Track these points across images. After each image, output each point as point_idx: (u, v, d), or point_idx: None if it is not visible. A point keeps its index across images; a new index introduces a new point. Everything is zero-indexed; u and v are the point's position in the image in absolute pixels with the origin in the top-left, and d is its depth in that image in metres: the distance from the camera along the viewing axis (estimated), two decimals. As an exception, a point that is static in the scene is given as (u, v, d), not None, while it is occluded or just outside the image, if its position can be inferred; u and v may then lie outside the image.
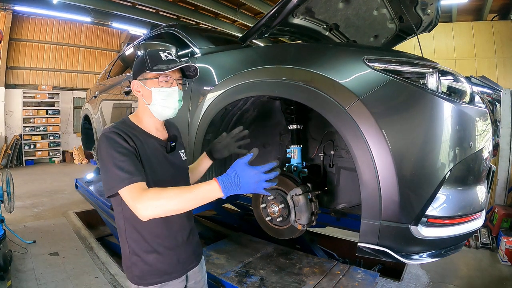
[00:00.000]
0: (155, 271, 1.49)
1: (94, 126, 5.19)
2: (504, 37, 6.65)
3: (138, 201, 1.23)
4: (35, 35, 12.68)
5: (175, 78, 1.48)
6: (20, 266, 3.82)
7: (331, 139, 2.27)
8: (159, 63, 1.43)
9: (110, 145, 1.33)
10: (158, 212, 1.25)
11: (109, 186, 1.31)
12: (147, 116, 1.54)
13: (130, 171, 1.29)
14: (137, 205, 1.23)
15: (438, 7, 2.71)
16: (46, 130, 13.02)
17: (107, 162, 1.31)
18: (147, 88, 1.47)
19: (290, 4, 2.07)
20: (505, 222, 5.25)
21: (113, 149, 1.32)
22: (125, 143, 1.36)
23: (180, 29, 3.10)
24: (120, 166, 1.29)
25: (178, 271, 1.56)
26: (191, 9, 10.61)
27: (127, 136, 1.38)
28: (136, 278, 1.50)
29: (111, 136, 1.35)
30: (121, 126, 1.44)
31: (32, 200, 7.03)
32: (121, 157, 1.31)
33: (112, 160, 1.30)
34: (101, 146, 1.35)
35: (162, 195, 1.24)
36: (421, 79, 1.57)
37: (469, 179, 1.68)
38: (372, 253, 1.62)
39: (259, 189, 1.20)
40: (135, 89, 1.53)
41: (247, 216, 4.48)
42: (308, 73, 1.76)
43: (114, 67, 5.09)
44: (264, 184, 1.20)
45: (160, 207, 1.23)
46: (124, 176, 1.27)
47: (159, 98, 1.47)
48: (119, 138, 1.36)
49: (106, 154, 1.33)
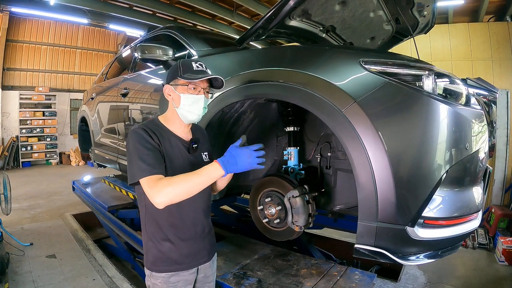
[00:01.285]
0: (166, 259, 1.63)
1: (91, 128, 5.18)
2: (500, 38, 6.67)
3: (154, 189, 1.40)
4: (32, 37, 12.65)
5: (202, 87, 1.62)
6: (17, 268, 3.81)
7: (327, 141, 2.27)
8: (190, 72, 1.57)
9: (137, 139, 1.51)
10: (171, 197, 1.41)
11: (132, 175, 1.48)
12: (175, 118, 1.67)
13: (151, 163, 1.46)
14: (153, 192, 1.40)
15: (435, 9, 2.72)
16: (43, 131, 12.98)
17: (133, 154, 1.49)
18: (177, 93, 1.61)
19: (287, 6, 2.07)
20: (502, 222, 5.27)
21: (139, 143, 1.50)
22: (150, 139, 1.53)
23: (177, 31, 3.10)
24: (143, 159, 1.46)
25: (189, 263, 1.69)
26: (188, 11, 10.60)
27: (153, 133, 1.56)
28: (149, 263, 1.66)
29: (138, 132, 1.53)
30: (149, 124, 1.62)
31: (29, 202, 7.01)
32: (145, 151, 1.49)
33: (137, 152, 1.48)
34: (129, 140, 1.53)
35: (173, 181, 1.41)
36: (417, 81, 1.57)
37: (465, 180, 1.69)
38: (369, 254, 1.62)
39: (253, 164, 1.47)
40: (166, 93, 1.65)
41: (244, 218, 4.48)
42: (304, 75, 1.76)
43: (111, 69, 5.08)
44: (256, 160, 1.47)
45: (173, 192, 1.40)
46: (146, 167, 1.45)
47: (186, 103, 1.60)
48: (145, 134, 1.53)
49: (132, 147, 1.51)
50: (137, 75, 3.71)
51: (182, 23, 11.10)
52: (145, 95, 3.39)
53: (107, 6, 10.07)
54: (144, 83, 3.51)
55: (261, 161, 1.49)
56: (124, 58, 4.74)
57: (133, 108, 3.59)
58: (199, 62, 1.62)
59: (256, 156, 1.47)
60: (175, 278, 1.64)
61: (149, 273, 1.66)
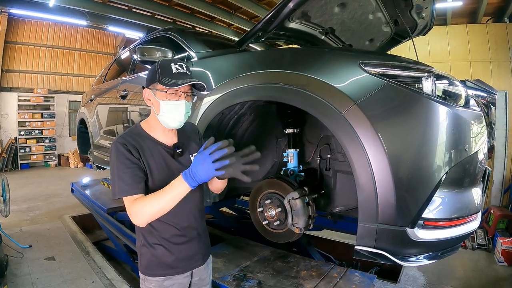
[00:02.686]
0: (160, 263, 1.61)
1: (90, 129, 5.18)
2: (498, 40, 6.69)
3: (131, 210, 1.40)
4: (31, 38, 12.61)
5: (183, 91, 1.53)
6: (16, 271, 3.79)
7: (327, 142, 2.27)
8: (169, 76, 1.48)
9: (117, 155, 1.47)
10: (147, 217, 1.40)
11: (114, 192, 1.47)
12: (156, 124, 1.60)
13: (129, 183, 1.43)
14: (131, 214, 1.41)
15: (433, 11, 2.73)
16: (41, 133, 12.96)
17: (113, 170, 1.47)
18: (156, 99, 1.52)
19: (286, 8, 2.08)
20: (501, 223, 5.28)
21: (118, 160, 1.46)
22: (129, 154, 1.47)
23: (176, 33, 3.10)
24: (121, 177, 1.44)
25: (183, 267, 1.65)
26: (187, 13, 10.61)
27: (132, 147, 1.49)
28: (143, 267, 1.64)
29: (118, 148, 1.48)
30: (129, 135, 1.55)
31: (27, 204, 6.99)
32: (124, 169, 1.44)
33: (117, 170, 1.45)
34: (111, 154, 1.50)
35: (145, 202, 1.38)
36: (416, 83, 1.58)
37: (465, 182, 1.69)
38: (369, 255, 1.63)
39: (210, 172, 1.24)
40: (146, 97, 1.59)
41: (244, 220, 4.48)
42: (304, 77, 1.77)
43: (110, 70, 5.08)
44: (212, 166, 1.23)
45: (147, 213, 1.38)
46: (124, 187, 1.43)
47: (166, 110, 1.52)
48: (124, 149, 1.47)
49: (112, 163, 1.47)
50: (136, 77, 3.71)
51: (181, 25, 11.11)
52: (144, 97, 3.38)
53: (106, 8, 10.07)
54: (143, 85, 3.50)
55: (220, 165, 1.23)
56: (123, 60, 4.74)
57: (132, 110, 3.59)
58: (179, 63, 1.52)
59: (212, 161, 1.23)
60: (169, 282, 1.62)
61: (143, 277, 1.64)
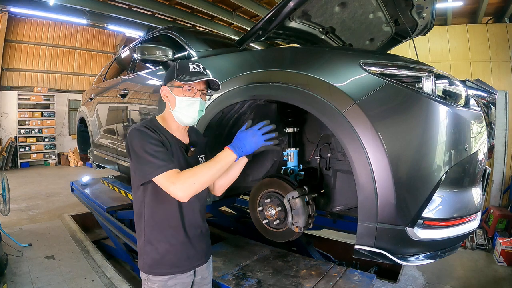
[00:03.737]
0: (165, 262, 1.62)
1: (90, 128, 5.17)
2: (498, 40, 6.69)
3: (177, 183, 1.40)
4: (31, 37, 12.63)
5: (199, 88, 1.61)
6: (15, 269, 3.80)
7: (327, 142, 2.27)
8: (186, 74, 1.56)
9: (143, 137, 1.48)
10: (196, 187, 1.43)
11: (145, 173, 1.45)
12: (171, 119, 1.66)
13: (165, 159, 1.45)
14: (177, 187, 1.40)
15: (434, 11, 2.72)
16: (41, 132, 12.99)
17: (141, 152, 1.46)
18: (172, 95, 1.60)
19: (287, 7, 2.07)
20: (501, 223, 5.29)
21: (146, 141, 1.47)
22: (157, 135, 1.52)
23: (177, 32, 3.10)
24: (154, 155, 1.44)
25: (187, 266, 1.68)
26: (188, 12, 10.60)
27: (156, 132, 1.54)
28: (147, 266, 1.63)
29: (142, 130, 1.50)
30: (149, 123, 1.59)
31: (27, 202, 7.00)
32: (155, 147, 1.46)
33: (146, 150, 1.45)
34: (134, 139, 1.49)
35: (195, 172, 1.43)
36: (416, 83, 1.58)
37: (464, 181, 1.69)
38: (369, 255, 1.62)
39: (260, 142, 1.53)
40: (163, 94, 1.65)
41: (244, 219, 4.48)
42: (304, 76, 1.77)
43: (110, 69, 5.08)
44: (262, 137, 1.53)
45: (196, 182, 1.42)
46: (161, 163, 1.43)
47: (181, 106, 1.59)
48: (150, 131, 1.51)
49: (139, 145, 1.47)
50: (136, 76, 3.71)
51: (182, 24, 11.10)
52: (144, 96, 3.39)
53: (106, 7, 10.07)
54: (143, 84, 3.51)
55: (268, 137, 1.55)
56: (123, 59, 4.73)
57: (132, 109, 3.59)
58: (196, 63, 1.61)
59: (262, 134, 1.53)
60: (173, 281, 1.63)
61: (146, 276, 1.64)
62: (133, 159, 1.51)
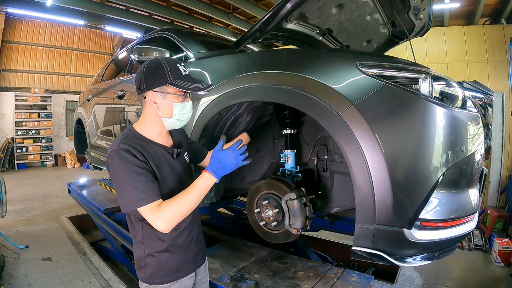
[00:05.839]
0: (168, 269, 1.58)
1: (87, 130, 5.16)
2: (495, 41, 6.71)
3: (156, 217, 1.34)
4: (28, 38, 12.61)
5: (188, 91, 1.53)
6: (12, 271, 3.78)
7: (324, 143, 2.27)
8: (180, 78, 1.47)
9: (123, 164, 1.36)
10: (177, 220, 1.38)
11: (127, 203, 1.37)
12: (156, 126, 1.55)
13: (146, 190, 1.35)
14: (157, 220, 1.34)
15: (431, 12, 2.73)
16: (38, 133, 12.95)
17: (122, 180, 1.36)
18: (166, 102, 1.48)
19: (284, 9, 2.07)
20: (498, 223, 5.30)
21: (127, 168, 1.36)
22: (137, 160, 1.39)
23: (174, 33, 3.10)
24: (135, 186, 1.34)
25: (189, 268, 1.68)
26: (185, 13, 10.59)
27: (137, 151, 1.41)
28: (148, 277, 1.58)
29: (122, 154, 1.37)
30: (129, 139, 1.45)
31: (24, 204, 6.97)
32: (136, 176, 1.35)
33: (128, 179, 1.35)
34: (114, 164, 1.38)
35: (173, 204, 1.36)
36: (414, 85, 1.58)
37: (461, 182, 1.69)
38: (367, 256, 1.63)
39: (239, 163, 1.55)
40: (150, 100, 1.49)
41: (241, 221, 4.47)
42: (301, 78, 1.77)
43: (107, 70, 5.07)
44: (241, 157, 1.55)
45: (176, 216, 1.37)
46: (141, 195, 1.34)
47: (177, 111, 1.51)
48: (130, 155, 1.38)
49: (120, 173, 1.37)
50: (133, 77, 3.69)
51: (179, 25, 11.10)
52: (141, 97, 3.37)
53: (104, 8, 10.04)
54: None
55: (245, 156, 1.58)
56: (120, 60, 4.72)
57: (129, 110, 3.58)
58: (182, 65, 1.52)
59: (240, 154, 1.56)
60: (176, 286, 1.62)
61: (148, 286, 1.59)
62: (114, 185, 1.42)
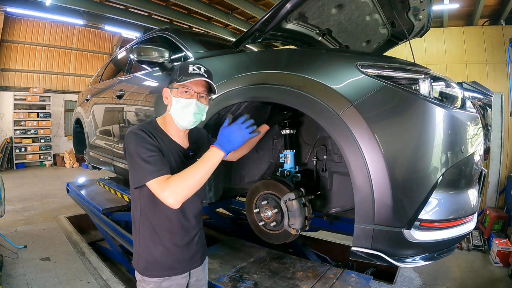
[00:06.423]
0: (160, 264, 1.62)
1: (86, 129, 5.15)
2: (494, 42, 6.72)
3: (166, 190, 1.37)
4: (27, 37, 12.58)
5: (196, 90, 1.58)
6: (11, 271, 3.77)
7: (323, 144, 2.26)
8: (184, 75, 1.54)
9: (138, 141, 1.47)
10: (187, 193, 1.40)
11: (138, 178, 1.44)
12: (171, 122, 1.64)
13: (157, 164, 1.43)
14: (166, 193, 1.38)
15: (430, 13, 2.73)
16: (37, 133, 12.92)
17: (135, 156, 1.45)
18: (171, 96, 1.59)
19: (284, 9, 2.07)
20: (497, 224, 5.31)
21: (141, 145, 1.46)
22: (150, 139, 1.49)
23: (173, 33, 3.09)
24: (147, 160, 1.42)
25: (182, 268, 1.68)
26: (184, 13, 10.57)
27: (152, 136, 1.52)
28: (141, 268, 1.64)
29: (138, 133, 1.49)
30: (147, 126, 1.58)
31: (23, 204, 6.96)
32: (148, 152, 1.44)
33: (140, 154, 1.44)
34: (129, 142, 1.49)
35: (182, 177, 1.40)
36: (413, 85, 1.58)
37: (461, 183, 1.69)
38: (366, 257, 1.62)
39: (246, 136, 1.52)
40: (164, 96, 1.64)
41: (240, 221, 4.47)
42: (301, 78, 1.76)
43: (106, 70, 5.06)
44: (247, 130, 1.52)
45: (185, 188, 1.39)
46: (152, 169, 1.41)
47: (177, 107, 1.57)
48: (145, 135, 1.49)
49: (134, 149, 1.46)
50: (132, 77, 3.69)
51: (178, 25, 11.08)
52: (140, 97, 3.37)
53: (103, 7, 10.02)
54: (139, 85, 3.49)
55: (252, 129, 1.55)
56: (119, 60, 4.72)
57: (129, 110, 3.58)
58: (197, 65, 1.59)
59: (246, 127, 1.53)
60: (168, 283, 1.63)
61: (141, 277, 1.64)
62: (128, 162, 1.50)
